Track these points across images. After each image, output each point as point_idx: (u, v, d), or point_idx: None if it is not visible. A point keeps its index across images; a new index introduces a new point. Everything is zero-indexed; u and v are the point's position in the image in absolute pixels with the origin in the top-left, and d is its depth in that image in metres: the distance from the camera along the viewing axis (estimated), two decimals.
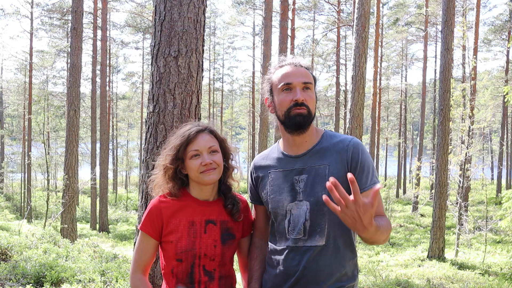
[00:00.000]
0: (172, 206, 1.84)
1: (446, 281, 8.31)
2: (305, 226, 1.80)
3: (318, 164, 1.82)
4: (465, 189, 13.03)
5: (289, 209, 1.84)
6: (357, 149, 1.82)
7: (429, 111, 41.51)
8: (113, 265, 6.10)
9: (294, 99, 1.80)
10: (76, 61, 11.59)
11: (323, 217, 1.78)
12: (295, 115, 1.80)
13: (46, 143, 18.54)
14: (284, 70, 1.86)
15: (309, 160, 1.85)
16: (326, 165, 1.81)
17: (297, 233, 1.81)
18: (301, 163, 1.86)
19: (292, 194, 1.84)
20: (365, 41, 8.52)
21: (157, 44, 2.75)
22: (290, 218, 1.84)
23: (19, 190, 27.84)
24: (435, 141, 17.27)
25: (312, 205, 1.79)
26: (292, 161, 1.88)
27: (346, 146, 1.82)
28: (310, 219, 1.80)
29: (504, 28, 28.18)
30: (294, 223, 1.82)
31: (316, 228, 1.79)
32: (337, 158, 1.81)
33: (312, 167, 1.83)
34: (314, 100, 1.85)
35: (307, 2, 28.56)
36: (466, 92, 13.43)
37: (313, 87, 1.86)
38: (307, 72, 1.86)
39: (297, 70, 1.85)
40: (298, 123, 1.81)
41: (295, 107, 1.80)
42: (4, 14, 26.82)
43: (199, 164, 1.81)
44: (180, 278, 1.82)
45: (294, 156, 1.88)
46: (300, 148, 1.88)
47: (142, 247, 1.85)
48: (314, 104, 1.86)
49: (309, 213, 1.79)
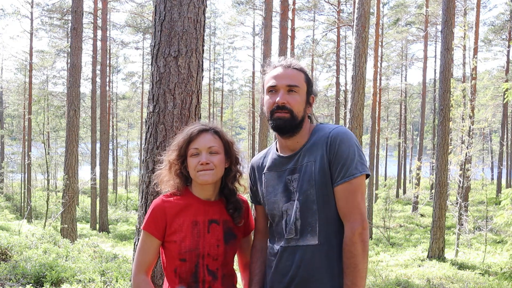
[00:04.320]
0: (175, 206, 1.84)
1: (446, 281, 8.31)
2: (296, 226, 1.78)
3: (306, 162, 1.80)
4: (465, 189, 13.03)
5: (285, 209, 1.83)
6: (335, 140, 1.75)
7: (429, 111, 41.49)
8: (113, 265, 6.10)
9: (276, 101, 1.78)
10: (76, 61, 11.59)
11: (313, 216, 1.76)
12: (276, 118, 1.79)
13: (46, 143, 18.55)
14: (274, 72, 1.85)
15: (300, 159, 1.83)
16: (313, 161, 1.78)
17: (288, 233, 1.80)
18: (292, 163, 1.84)
19: (287, 195, 1.83)
20: (365, 41, 8.51)
21: (157, 44, 2.75)
22: (286, 219, 1.82)
23: (19, 190, 27.82)
24: (435, 141, 17.28)
25: (301, 203, 1.77)
26: (284, 162, 1.87)
27: (326, 138, 1.78)
28: (300, 218, 1.78)
29: (504, 28, 28.16)
30: (289, 223, 1.81)
31: (307, 227, 1.77)
32: (322, 152, 1.77)
33: (302, 165, 1.81)
34: (301, 102, 1.80)
35: (307, 2, 28.55)
36: (466, 92, 13.42)
37: (302, 89, 1.82)
38: (296, 75, 1.82)
39: (284, 72, 1.82)
40: (278, 127, 1.79)
41: (276, 110, 1.78)
42: (4, 14, 26.83)
43: (197, 163, 1.81)
44: (184, 277, 1.81)
45: (286, 157, 1.87)
46: (292, 148, 1.87)
47: (145, 247, 1.84)
48: (301, 107, 1.81)
49: (299, 212, 1.78)
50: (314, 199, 1.75)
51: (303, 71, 1.87)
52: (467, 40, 14.84)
